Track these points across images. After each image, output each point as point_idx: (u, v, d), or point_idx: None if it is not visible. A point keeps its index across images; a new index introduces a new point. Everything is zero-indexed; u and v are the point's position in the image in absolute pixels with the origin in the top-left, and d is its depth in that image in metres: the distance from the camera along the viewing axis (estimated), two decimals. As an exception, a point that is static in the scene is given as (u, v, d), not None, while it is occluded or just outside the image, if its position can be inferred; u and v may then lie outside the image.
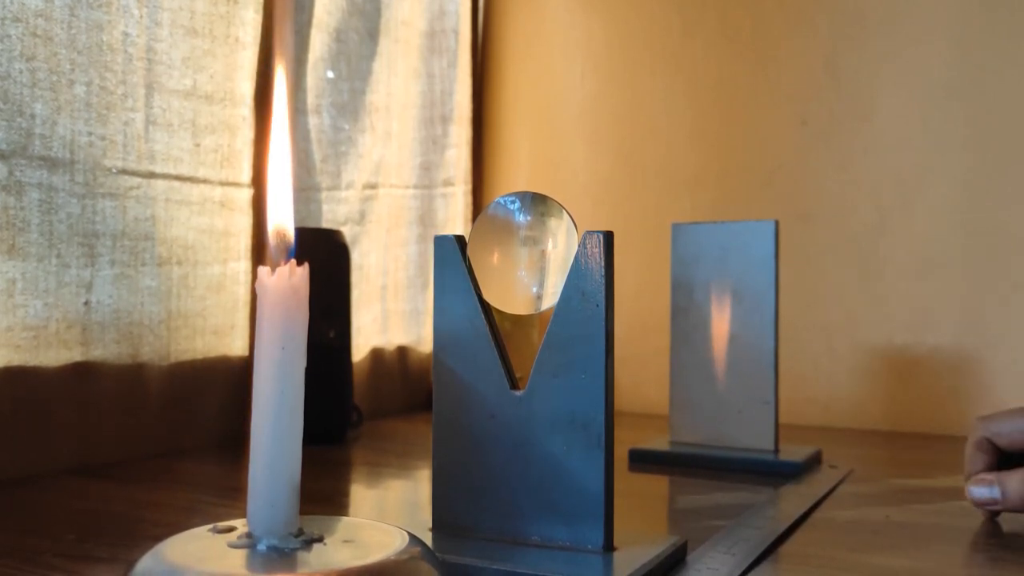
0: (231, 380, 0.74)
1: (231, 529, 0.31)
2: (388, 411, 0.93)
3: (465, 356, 0.41)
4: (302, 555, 0.29)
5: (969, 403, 0.83)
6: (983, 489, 0.49)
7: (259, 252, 0.75)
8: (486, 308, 0.41)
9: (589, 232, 0.39)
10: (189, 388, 0.70)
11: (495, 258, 0.41)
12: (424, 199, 0.99)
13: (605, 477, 0.39)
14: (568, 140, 1.04)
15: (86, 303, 0.63)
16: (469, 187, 1.05)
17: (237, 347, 0.74)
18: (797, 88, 0.92)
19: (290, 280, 0.30)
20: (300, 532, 0.30)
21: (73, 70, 0.61)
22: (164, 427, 0.69)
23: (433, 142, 1.00)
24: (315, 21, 0.83)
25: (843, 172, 0.89)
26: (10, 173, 0.58)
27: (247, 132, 0.74)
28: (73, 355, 0.62)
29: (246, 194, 0.74)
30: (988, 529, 0.49)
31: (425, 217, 0.99)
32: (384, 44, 0.92)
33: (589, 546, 0.39)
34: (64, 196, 0.61)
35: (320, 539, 0.30)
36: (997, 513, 0.50)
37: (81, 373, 0.62)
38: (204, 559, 0.28)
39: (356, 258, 0.88)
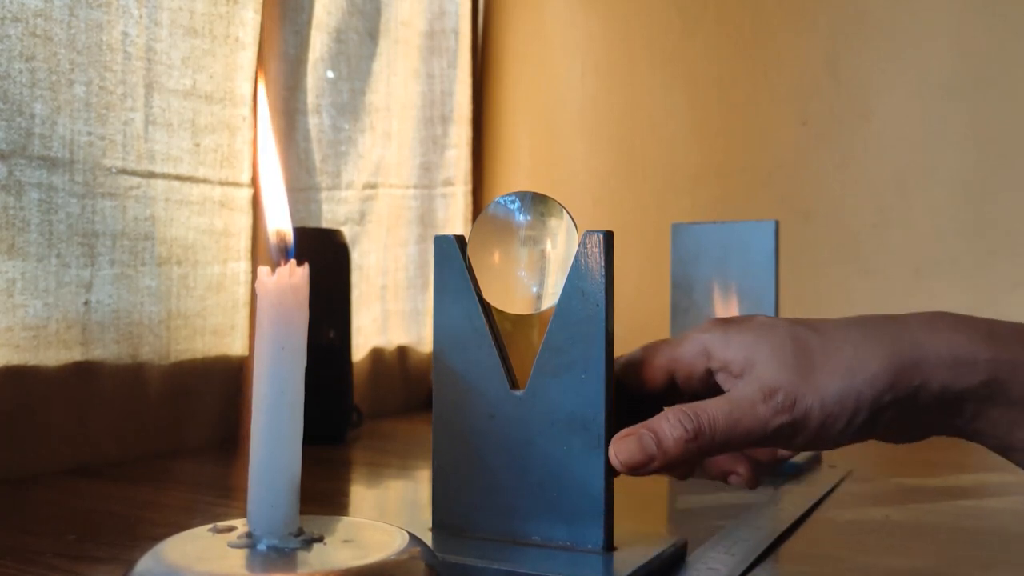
0: (231, 380, 0.74)
1: (231, 529, 0.31)
2: (388, 411, 0.92)
3: (465, 356, 0.41)
4: (302, 555, 0.29)
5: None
6: (630, 447, 0.37)
7: (259, 252, 0.75)
8: (486, 308, 0.41)
9: (589, 232, 0.39)
10: (189, 388, 0.70)
11: (495, 258, 0.41)
12: (424, 199, 0.99)
13: (605, 477, 0.39)
14: (568, 140, 1.04)
15: (86, 303, 0.62)
16: (469, 187, 1.05)
17: (237, 347, 0.74)
18: (797, 88, 0.92)
19: (290, 280, 0.30)
20: (300, 532, 0.30)
21: (72, 70, 0.61)
22: (164, 427, 0.68)
23: (433, 142, 1.00)
24: (315, 21, 0.83)
25: (843, 171, 0.89)
26: (10, 173, 0.58)
27: (247, 132, 0.73)
28: (73, 355, 0.62)
29: (246, 194, 0.74)
30: (987, 529, 0.49)
31: (425, 217, 0.99)
32: (384, 44, 0.92)
33: (589, 546, 0.39)
34: (64, 196, 0.61)
35: (320, 539, 0.30)
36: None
37: (81, 373, 0.62)
38: (204, 559, 0.28)
39: (356, 258, 0.88)
